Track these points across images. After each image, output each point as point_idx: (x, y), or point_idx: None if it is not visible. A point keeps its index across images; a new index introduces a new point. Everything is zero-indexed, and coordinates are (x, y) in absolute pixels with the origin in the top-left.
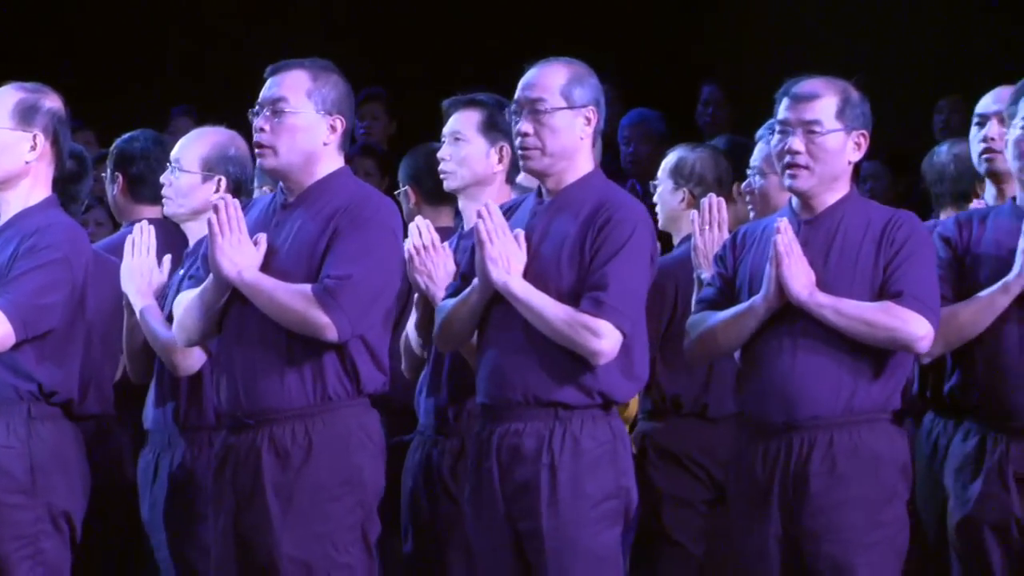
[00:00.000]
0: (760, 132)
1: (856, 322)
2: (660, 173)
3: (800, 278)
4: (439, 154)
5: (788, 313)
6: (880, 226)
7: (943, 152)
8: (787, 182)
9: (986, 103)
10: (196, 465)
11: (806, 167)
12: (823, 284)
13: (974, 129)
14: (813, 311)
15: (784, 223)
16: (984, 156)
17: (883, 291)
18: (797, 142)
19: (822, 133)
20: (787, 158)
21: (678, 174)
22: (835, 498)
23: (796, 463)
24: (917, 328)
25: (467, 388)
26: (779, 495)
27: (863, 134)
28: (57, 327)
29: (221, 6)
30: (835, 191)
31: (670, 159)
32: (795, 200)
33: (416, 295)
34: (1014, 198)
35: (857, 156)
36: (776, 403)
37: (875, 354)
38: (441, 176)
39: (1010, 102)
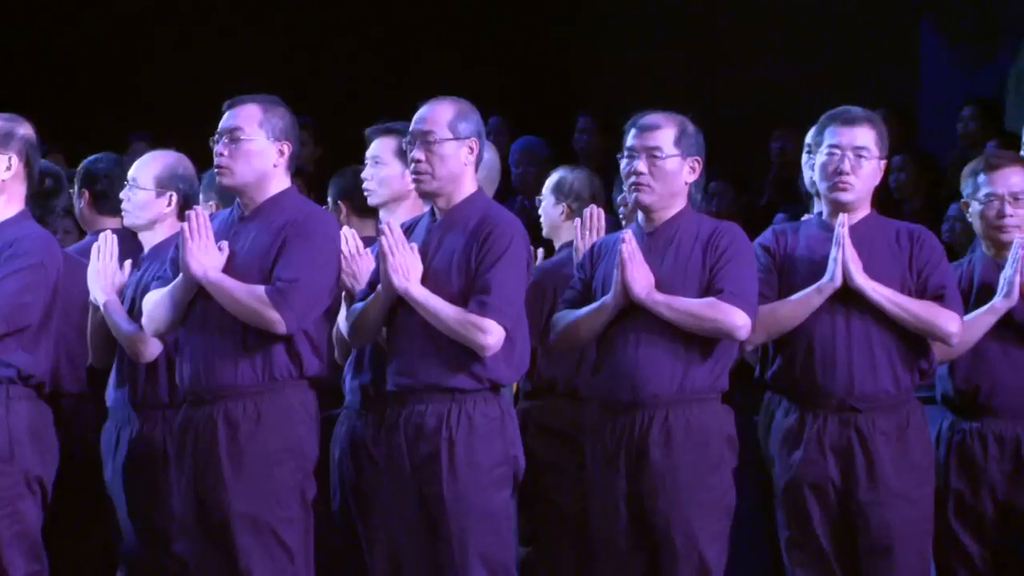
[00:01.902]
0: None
1: (686, 316)
2: (544, 190)
3: (640, 280)
4: (363, 175)
5: (632, 310)
6: (707, 235)
7: None
8: (632, 196)
9: (814, 133)
10: (152, 437)
11: (648, 186)
12: (660, 285)
13: (805, 156)
14: (651, 308)
15: (629, 234)
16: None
17: (709, 289)
18: (641, 165)
19: (662, 158)
20: (633, 178)
21: (559, 191)
22: (670, 464)
23: (639, 434)
24: (737, 319)
25: (386, 371)
26: (625, 461)
27: (697, 160)
28: (34, 322)
29: (174, 48)
30: (673, 207)
31: (553, 178)
32: (640, 214)
33: (344, 293)
34: (820, 212)
35: (692, 178)
36: (623, 385)
37: (703, 343)
38: (365, 193)
39: (816, 132)
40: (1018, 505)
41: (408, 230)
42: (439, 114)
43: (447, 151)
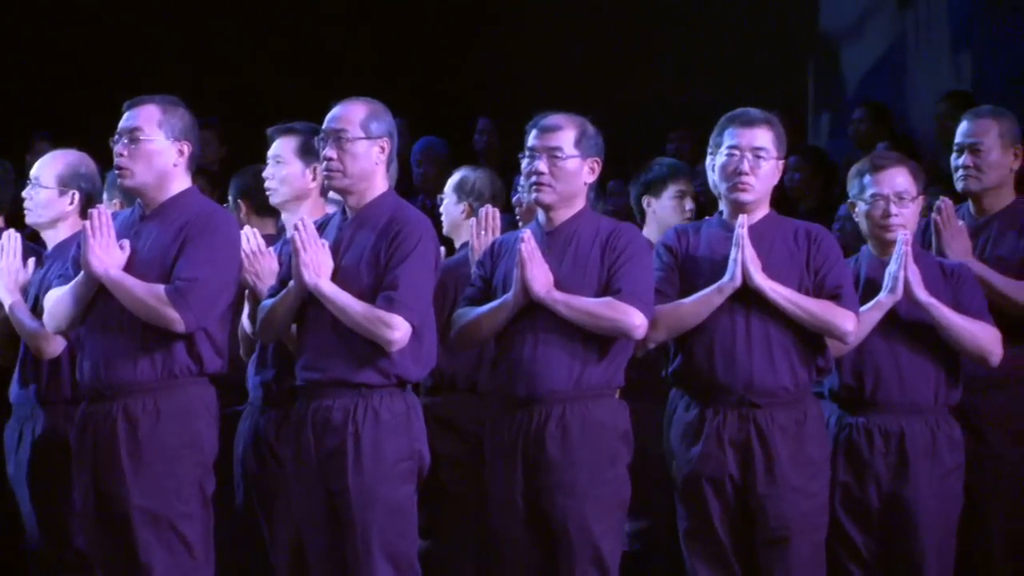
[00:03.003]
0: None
1: (584, 315)
2: (446, 189)
3: (540, 279)
4: (264, 174)
5: (532, 308)
6: (606, 235)
7: None
8: (533, 196)
9: (714, 134)
10: (55, 433)
11: (549, 185)
12: (560, 284)
13: (709, 158)
14: (550, 306)
15: (528, 234)
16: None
17: (607, 288)
18: (542, 165)
19: (563, 158)
20: (533, 178)
21: (461, 190)
22: (566, 458)
23: (536, 429)
24: (634, 319)
25: (289, 368)
26: (523, 456)
27: (596, 160)
28: None
29: (76, 47)
30: (572, 207)
31: (454, 178)
32: (541, 214)
33: (247, 292)
34: (721, 212)
35: (591, 179)
36: (521, 380)
37: (600, 341)
38: (267, 192)
39: (715, 133)
40: (902, 497)
41: (321, 226)
42: (352, 113)
43: (359, 150)
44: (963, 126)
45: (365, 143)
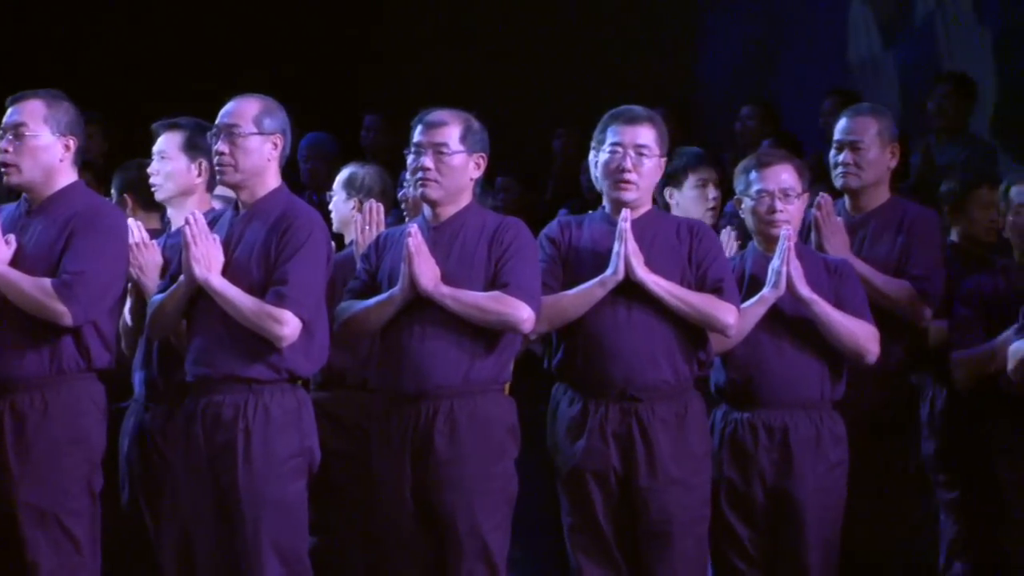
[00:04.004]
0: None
1: (471, 309)
2: (335, 185)
3: (427, 273)
4: (149, 169)
5: (418, 302)
6: (492, 230)
7: None
8: (419, 192)
9: (597, 131)
10: None
11: (435, 181)
12: (447, 278)
13: (592, 154)
14: (437, 300)
15: (415, 228)
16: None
17: (494, 283)
18: (428, 160)
19: (448, 154)
20: (419, 174)
21: (351, 186)
22: (455, 453)
23: (424, 425)
24: (521, 313)
25: (174, 364)
26: (411, 451)
27: (482, 156)
28: None
29: None
30: (458, 203)
31: (343, 174)
32: (427, 209)
33: (131, 286)
34: (604, 207)
35: (477, 174)
36: (409, 375)
37: (488, 335)
38: (152, 188)
39: (599, 130)
40: (786, 492)
41: (212, 221)
42: (245, 109)
43: (251, 145)
44: (842, 123)
45: (258, 139)
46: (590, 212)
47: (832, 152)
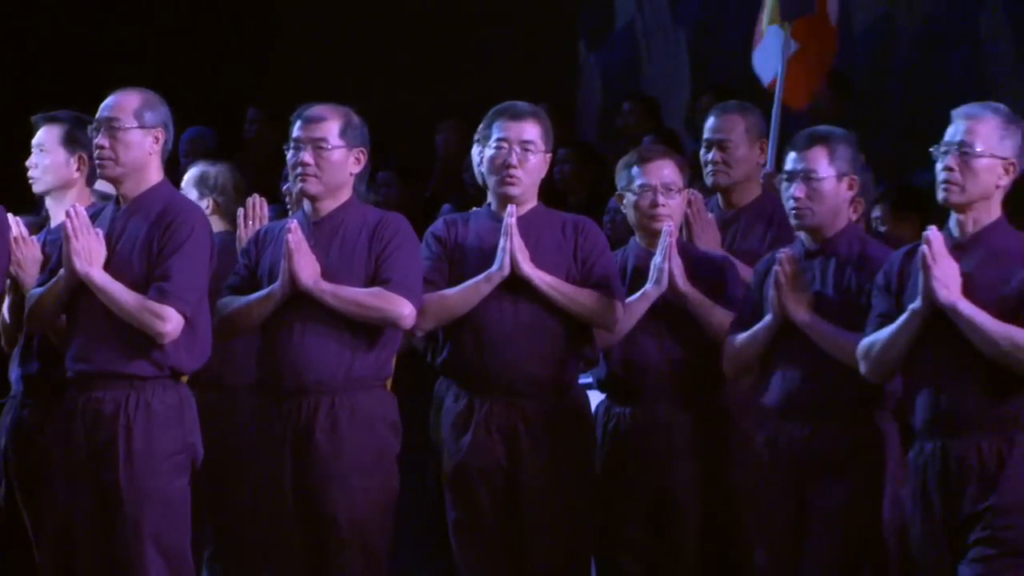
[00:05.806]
0: None
1: (352, 304)
2: (184, 184)
3: (307, 269)
4: (27, 162)
5: (298, 298)
6: (373, 225)
7: None
8: (299, 187)
9: (482, 127)
10: None
11: (315, 176)
12: (327, 274)
13: (475, 148)
14: (317, 296)
15: (295, 224)
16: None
17: (375, 278)
18: (307, 155)
19: (328, 148)
20: (299, 169)
21: (203, 184)
22: (336, 450)
23: (305, 421)
24: (402, 309)
25: (54, 360)
26: (292, 448)
27: (362, 151)
28: None
29: None
30: (338, 198)
31: (193, 173)
32: (307, 204)
33: (8, 281)
34: (490, 204)
35: (357, 169)
36: (289, 371)
37: (369, 331)
38: (30, 181)
39: (483, 126)
40: (670, 488)
41: (95, 216)
42: (126, 103)
43: (132, 139)
44: (710, 121)
45: (139, 132)
46: (475, 209)
47: (702, 150)
